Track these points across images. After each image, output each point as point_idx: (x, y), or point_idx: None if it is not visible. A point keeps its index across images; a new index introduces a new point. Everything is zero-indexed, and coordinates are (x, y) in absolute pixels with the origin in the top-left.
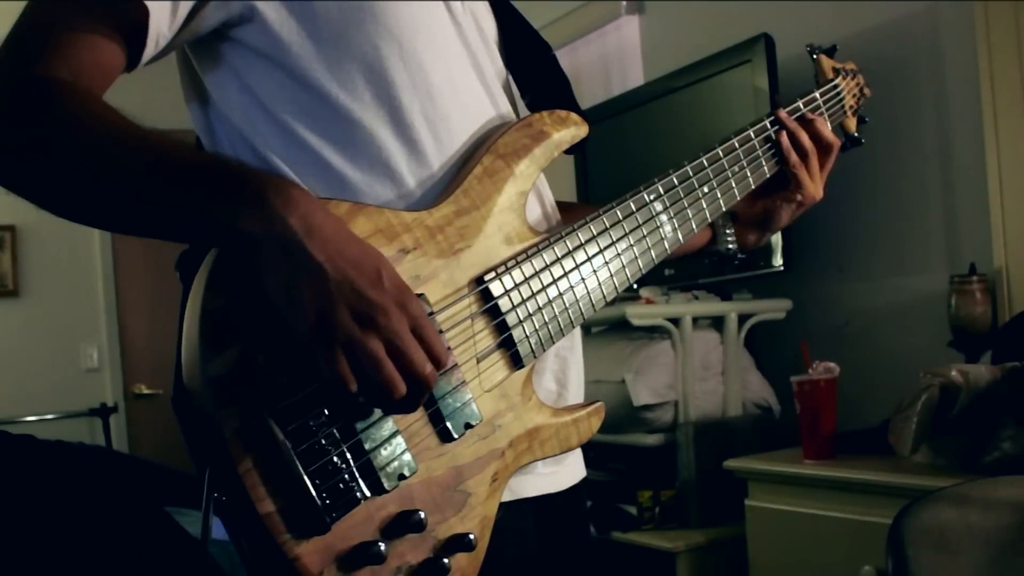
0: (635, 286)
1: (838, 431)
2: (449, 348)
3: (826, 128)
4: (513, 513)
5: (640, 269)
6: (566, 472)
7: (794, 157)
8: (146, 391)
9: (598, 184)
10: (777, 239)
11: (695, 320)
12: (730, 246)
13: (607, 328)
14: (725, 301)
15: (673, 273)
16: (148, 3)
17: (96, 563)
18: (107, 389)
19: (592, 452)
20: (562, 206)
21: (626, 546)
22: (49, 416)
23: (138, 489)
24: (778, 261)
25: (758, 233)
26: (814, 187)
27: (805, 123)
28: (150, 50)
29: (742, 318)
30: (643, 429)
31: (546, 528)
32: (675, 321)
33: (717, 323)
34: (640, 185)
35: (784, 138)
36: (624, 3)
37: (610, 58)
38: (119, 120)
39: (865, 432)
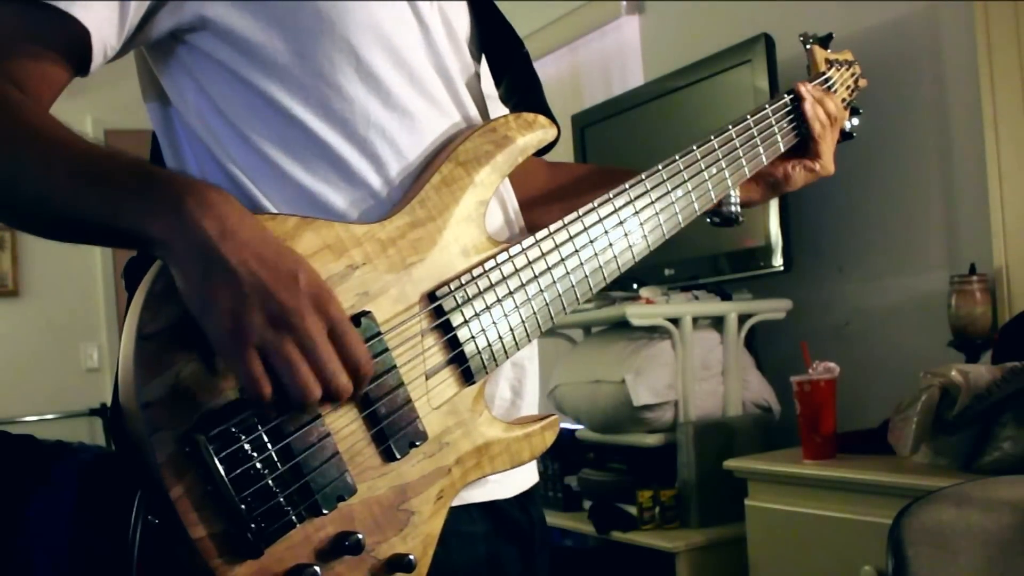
0: (635, 286)
1: (838, 431)
2: (395, 367)
3: (835, 101)
4: (461, 517)
5: (604, 278)
6: (515, 479)
7: (817, 127)
8: None
9: None
10: (777, 239)
11: (695, 320)
12: (733, 208)
13: (607, 328)
14: (725, 301)
15: (673, 273)
16: (85, 20)
17: (96, 563)
18: (107, 389)
19: (592, 452)
20: (596, 176)
21: (626, 546)
22: (49, 416)
23: (138, 489)
24: (778, 261)
25: (768, 192)
26: (829, 159)
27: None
28: (99, 60)
29: (742, 318)
30: (643, 429)
31: (496, 532)
32: (675, 321)
33: (717, 323)
34: (610, 191)
35: (808, 107)
36: (624, 3)
37: (610, 58)
38: (48, 129)
39: (865, 432)
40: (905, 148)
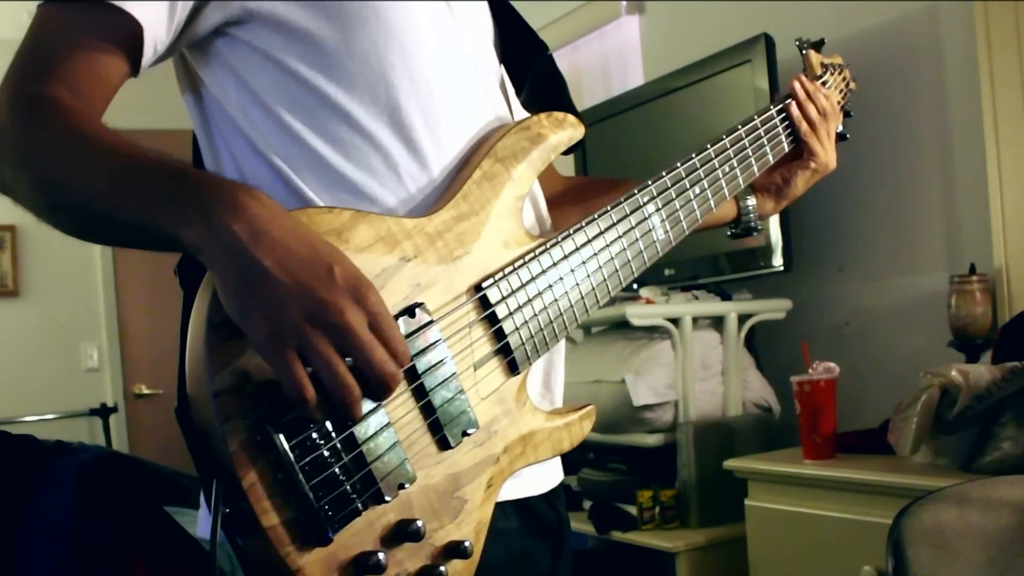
0: (635, 286)
1: (838, 431)
2: (449, 356)
3: (828, 96)
4: (496, 513)
5: (633, 272)
6: (545, 475)
7: (804, 126)
8: (146, 391)
9: None
10: (777, 239)
11: (695, 320)
12: (752, 222)
13: (607, 328)
14: (725, 301)
15: (673, 273)
16: (138, 15)
17: (97, 563)
18: (107, 389)
19: (592, 452)
20: (600, 184)
21: (626, 546)
22: (49, 416)
23: (138, 489)
24: (778, 261)
25: (775, 201)
26: (826, 154)
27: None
28: (149, 56)
29: (742, 318)
30: (643, 429)
31: (526, 529)
32: (675, 321)
33: (717, 323)
34: (636, 187)
35: (794, 109)
36: (624, 3)
37: (610, 58)
38: (94, 134)
39: (865, 432)
40: (905, 148)
